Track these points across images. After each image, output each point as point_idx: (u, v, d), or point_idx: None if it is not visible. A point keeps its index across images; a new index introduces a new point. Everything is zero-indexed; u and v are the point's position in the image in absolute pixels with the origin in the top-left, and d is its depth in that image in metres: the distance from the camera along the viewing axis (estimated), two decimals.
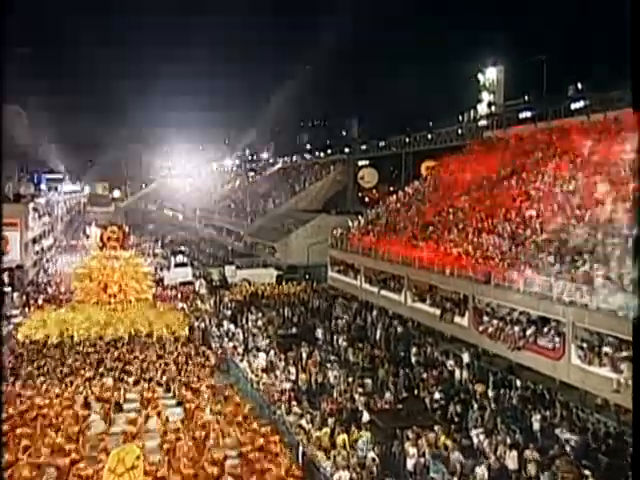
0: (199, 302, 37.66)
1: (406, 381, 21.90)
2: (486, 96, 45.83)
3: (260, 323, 31.66)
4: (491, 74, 45.67)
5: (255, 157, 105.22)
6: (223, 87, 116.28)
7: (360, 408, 19.17)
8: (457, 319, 23.71)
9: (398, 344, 26.69)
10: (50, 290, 41.50)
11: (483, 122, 43.95)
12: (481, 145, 39.02)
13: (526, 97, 43.10)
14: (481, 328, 21.98)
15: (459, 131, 47.15)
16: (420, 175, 44.85)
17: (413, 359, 24.56)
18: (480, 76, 45.98)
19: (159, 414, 17.80)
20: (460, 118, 48.76)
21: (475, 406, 18.99)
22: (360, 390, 20.79)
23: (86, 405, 18.77)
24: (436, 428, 16.82)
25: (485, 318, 22.19)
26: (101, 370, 22.94)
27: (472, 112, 46.89)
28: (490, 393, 19.96)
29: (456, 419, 18.56)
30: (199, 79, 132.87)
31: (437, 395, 20.02)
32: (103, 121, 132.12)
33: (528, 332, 19.94)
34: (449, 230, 27.86)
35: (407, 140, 53.85)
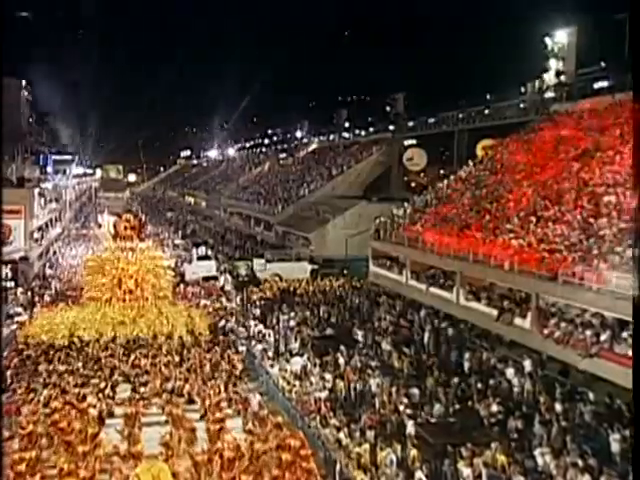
0: (224, 300, 38.11)
1: (458, 391, 21.74)
2: (554, 64, 44.85)
3: (292, 323, 31.80)
4: (561, 38, 44.62)
5: (287, 137, 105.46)
6: (249, 56, 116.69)
7: (405, 421, 19.13)
8: (517, 321, 23.41)
9: (449, 349, 26.49)
10: (58, 285, 42.46)
11: (550, 94, 43.15)
12: (548, 121, 38.33)
13: (602, 64, 42.07)
14: (546, 332, 21.66)
15: (522, 105, 46.41)
16: (475, 156, 44.33)
17: (466, 366, 24.38)
18: (547, 40, 44.99)
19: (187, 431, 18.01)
20: (523, 90, 47.97)
21: (539, 421, 18.76)
22: (405, 400, 20.73)
23: (100, 420, 19.13)
24: (493, 445, 16.69)
25: (551, 320, 21.87)
26: (115, 378, 23.35)
27: (537, 83, 46.04)
28: (557, 407, 19.66)
29: (517, 436, 18.36)
30: (222, 49, 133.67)
31: (494, 408, 19.83)
32: (117, 97, 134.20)
33: (602, 337, 19.56)
34: (509, 219, 27.52)
35: (461, 116, 53.27)
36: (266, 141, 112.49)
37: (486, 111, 50.35)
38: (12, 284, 38.89)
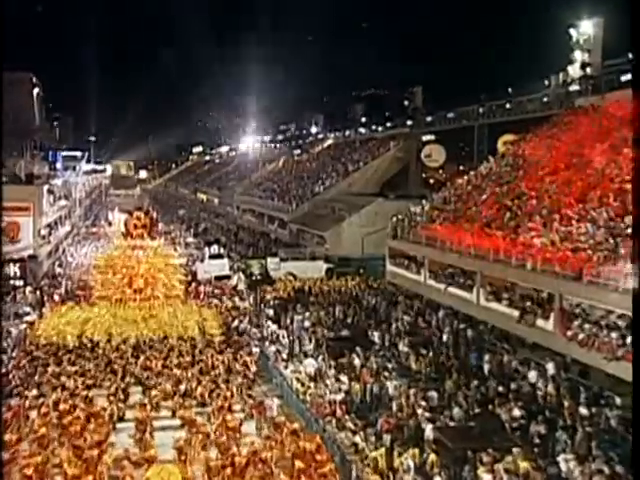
0: (237, 299, 38.15)
1: (478, 394, 21.66)
2: (579, 55, 44.46)
3: (307, 324, 31.82)
4: (586, 28, 44.20)
5: (302, 132, 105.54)
6: (262, 50, 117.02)
7: (423, 425, 19.08)
8: (540, 322, 23.25)
9: (468, 351, 26.42)
10: (67, 284, 42.66)
11: (575, 87, 42.81)
12: (572, 115, 38.03)
13: (630, 56, 41.61)
14: (569, 334, 21.49)
15: (545, 99, 46.09)
16: (496, 152, 44.12)
17: (486, 368, 24.28)
18: (572, 31, 44.61)
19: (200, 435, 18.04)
20: (546, 83, 47.62)
21: (563, 426, 18.63)
22: (423, 404, 20.68)
23: (110, 424, 19.18)
24: (515, 451, 16.59)
25: (575, 322, 21.70)
26: (126, 380, 23.44)
27: (561, 75, 45.68)
28: (582, 411, 19.52)
29: (539, 441, 18.26)
30: (235, 43, 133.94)
31: (516, 412, 19.72)
32: (129, 91, 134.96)
33: (629, 339, 19.39)
34: (531, 217, 27.33)
35: (481, 110, 53.07)
36: (280, 137, 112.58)
37: (507, 105, 50.07)
38: (21, 283, 39.12)
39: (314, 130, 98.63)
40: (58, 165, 73.55)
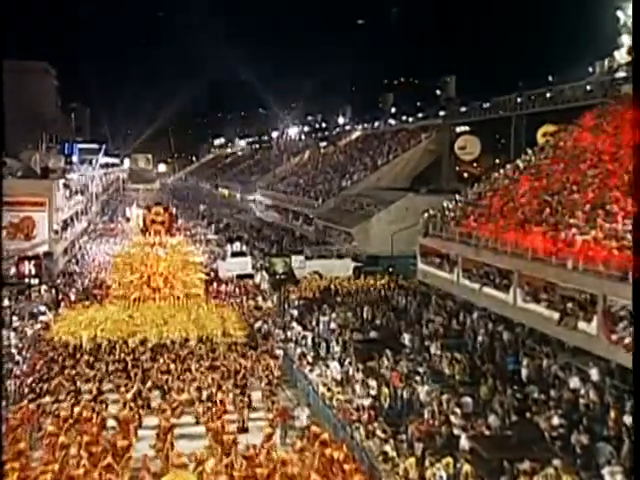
0: (260, 299, 38.29)
1: (515, 401, 21.44)
2: (627, 40, 43.74)
3: (333, 325, 31.85)
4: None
5: (328, 123, 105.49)
6: (286, 37, 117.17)
7: (457, 433, 18.98)
8: (582, 325, 22.97)
9: (505, 355, 26.17)
10: (83, 283, 43.14)
11: (621, 74, 42.14)
12: (618, 103, 37.48)
13: None
14: (614, 337, 21.21)
15: (588, 86, 45.46)
16: (535, 144, 43.68)
17: (524, 374, 24.04)
18: (619, 13, 43.94)
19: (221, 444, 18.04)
20: (590, 69, 46.99)
21: (608, 437, 18.38)
22: (457, 411, 20.54)
23: (128, 431, 19.19)
24: (556, 462, 16.39)
25: (620, 325, 21.40)
26: (147, 386, 23.55)
27: (607, 61, 45.03)
28: (628, 421, 19.24)
29: (581, 452, 18.02)
30: (257, 30, 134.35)
31: (556, 420, 19.51)
32: (146, 81, 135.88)
33: None
34: (573, 213, 27.02)
35: (519, 100, 52.54)
36: (306, 128, 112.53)
37: (548, 94, 49.49)
38: (36, 281, 39.58)
39: (341, 121, 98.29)
40: (74, 158, 74.34)
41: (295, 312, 35.15)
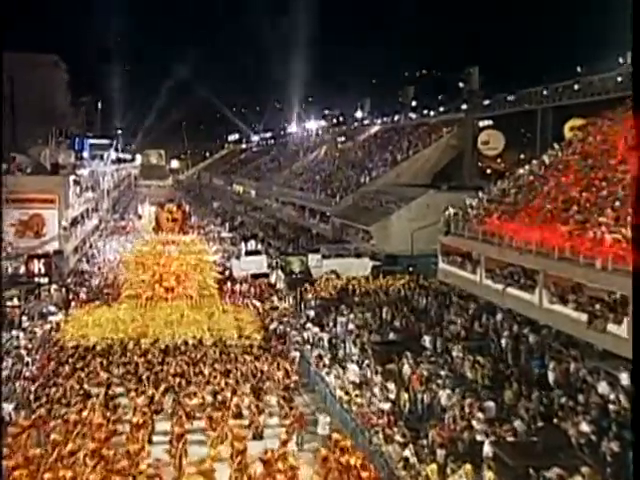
0: (276, 299, 38.33)
1: (541, 406, 21.37)
2: None
3: (351, 326, 31.85)
4: None
5: (346, 118, 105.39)
6: (303, 27, 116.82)
7: (480, 439, 18.93)
8: (612, 327, 22.79)
9: (530, 358, 26.07)
10: (95, 282, 43.39)
11: None
12: None
13: None
14: None
15: (619, 78, 45.05)
16: (562, 138, 43.40)
17: (551, 378, 23.91)
18: None
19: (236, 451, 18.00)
20: (620, 60, 46.56)
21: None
22: (480, 416, 20.50)
23: (140, 436, 19.23)
24: (584, 470, 16.33)
25: None
26: (160, 389, 23.50)
27: None
28: None
29: (612, 460, 17.87)
30: (273, 20, 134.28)
31: (584, 427, 19.37)
32: (161, 75, 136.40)
33: None
34: (601, 210, 26.80)
35: (545, 92, 52.17)
36: (323, 123, 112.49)
37: (576, 86, 49.05)
38: (45, 280, 39.84)
39: (360, 115, 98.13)
40: (85, 154, 74.79)
41: (312, 313, 35.16)
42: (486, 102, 63.40)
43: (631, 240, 16.64)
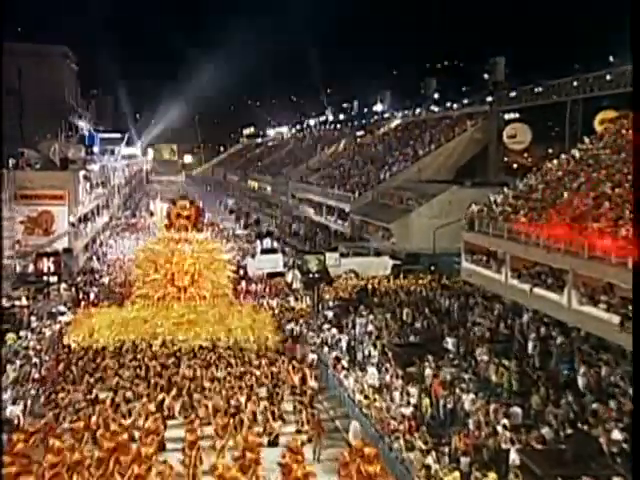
0: (292, 300, 38.35)
1: (571, 412, 21.20)
2: None
3: (371, 328, 31.80)
4: None
5: (365, 111, 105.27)
6: (321, 15, 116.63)
7: (505, 446, 18.81)
8: None
9: (559, 361, 25.93)
10: (105, 281, 43.63)
11: None
12: None
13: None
14: None
15: None
16: (593, 131, 43.11)
17: (580, 382, 23.74)
18: None
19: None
20: None
21: None
22: (505, 422, 20.32)
23: (152, 444, 19.16)
24: None
25: None
26: (172, 394, 23.50)
27: None
28: None
29: None
30: (288, 7, 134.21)
31: (616, 434, 19.16)
32: (171, 67, 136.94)
33: None
34: (636, 207, 26.54)
35: (575, 83, 51.82)
36: (341, 116, 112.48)
37: (607, 76, 48.65)
38: (55, 279, 40.05)
39: (380, 108, 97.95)
40: (95, 149, 75.05)
41: (329, 314, 35.16)
42: (512, 94, 63.08)
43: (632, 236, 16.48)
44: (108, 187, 71.04)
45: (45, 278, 39.75)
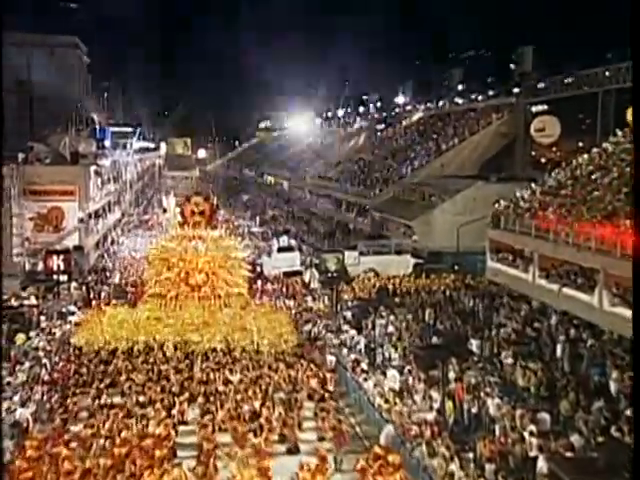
0: (310, 299, 38.38)
1: (602, 418, 21.05)
2: None
3: (391, 329, 31.84)
4: None
5: (386, 103, 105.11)
6: (339, 3, 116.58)
7: (533, 453, 18.74)
8: None
9: (589, 365, 25.78)
10: (117, 280, 43.83)
11: None
12: None
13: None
14: None
15: None
16: (626, 124, 42.72)
17: (612, 387, 23.58)
18: None
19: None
20: None
21: None
22: (533, 428, 20.25)
23: (165, 452, 19.16)
24: None
25: None
26: (183, 398, 23.51)
27: None
28: None
29: None
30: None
31: None
32: (184, 60, 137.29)
33: None
34: None
35: (607, 73, 51.41)
36: (361, 109, 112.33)
37: None
38: (65, 277, 40.26)
39: (401, 100, 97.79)
40: (106, 143, 75.42)
41: (348, 314, 35.20)
42: (540, 85, 62.74)
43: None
44: (120, 183, 71.42)
45: (55, 277, 39.89)
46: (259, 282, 41.67)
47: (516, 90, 65.27)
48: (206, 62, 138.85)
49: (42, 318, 33.85)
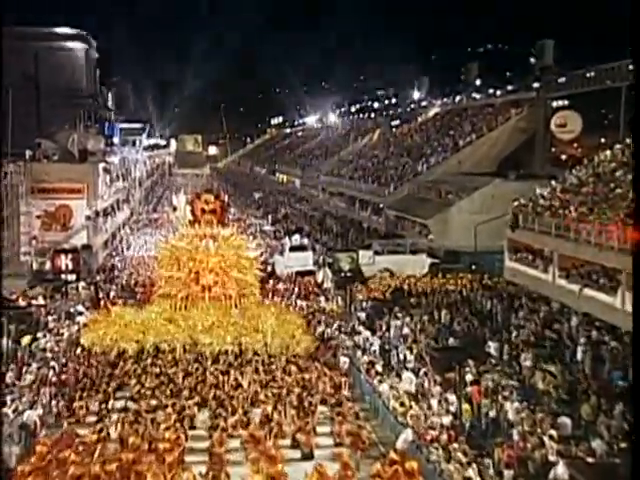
0: (323, 300, 38.36)
1: (625, 423, 20.94)
2: None
3: (407, 330, 31.79)
4: None
5: (401, 98, 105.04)
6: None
7: (553, 459, 18.64)
8: None
9: (611, 368, 25.72)
10: (125, 279, 43.97)
11: None
12: None
13: None
14: None
15: None
16: None
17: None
18: None
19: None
20: None
21: None
22: (553, 432, 20.20)
23: (174, 458, 19.10)
24: None
25: None
26: (193, 402, 23.43)
27: None
28: None
29: None
30: None
31: None
32: (198, 54, 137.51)
33: None
34: None
35: (630, 67, 51.16)
36: (376, 104, 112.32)
37: None
38: (73, 277, 40.42)
39: (417, 96, 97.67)
40: (115, 139, 75.76)
41: (363, 315, 35.18)
42: (561, 79, 62.51)
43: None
44: (129, 180, 71.66)
45: (63, 276, 40.11)
46: (271, 282, 41.69)
47: (536, 85, 65.11)
48: (219, 59, 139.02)
49: (50, 318, 33.92)
